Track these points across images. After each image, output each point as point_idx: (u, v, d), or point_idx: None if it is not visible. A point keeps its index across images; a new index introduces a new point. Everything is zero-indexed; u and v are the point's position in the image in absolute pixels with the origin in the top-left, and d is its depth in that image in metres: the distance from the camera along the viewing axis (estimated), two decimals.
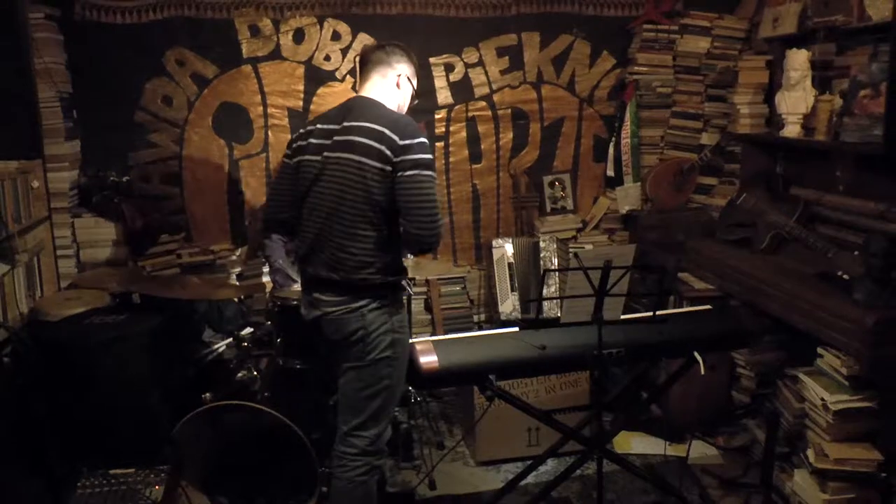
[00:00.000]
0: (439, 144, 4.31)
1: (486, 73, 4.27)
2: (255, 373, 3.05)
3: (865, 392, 2.80)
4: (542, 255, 4.12)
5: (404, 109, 2.62)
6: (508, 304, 4.03)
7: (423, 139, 2.38)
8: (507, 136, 4.39)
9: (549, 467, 3.32)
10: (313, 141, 2.48)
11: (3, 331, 2.80)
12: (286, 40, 4.02)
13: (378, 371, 2.46)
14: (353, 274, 2.40)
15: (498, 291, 4.08)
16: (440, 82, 4.23)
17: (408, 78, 2.60)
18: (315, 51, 4.06)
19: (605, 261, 2.50)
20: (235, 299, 3.73)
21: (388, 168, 2.34)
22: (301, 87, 4.09)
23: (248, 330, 3.36)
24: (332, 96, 4.10)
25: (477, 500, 3.19)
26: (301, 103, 4.10)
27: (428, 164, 2.36)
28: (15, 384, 2.66)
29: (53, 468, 2.70)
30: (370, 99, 2.53)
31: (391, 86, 2.57)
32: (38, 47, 3.45)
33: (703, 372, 2.76)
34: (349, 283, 2.42)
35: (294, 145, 2.57)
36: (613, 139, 4.41)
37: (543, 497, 2.91)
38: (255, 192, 4.13)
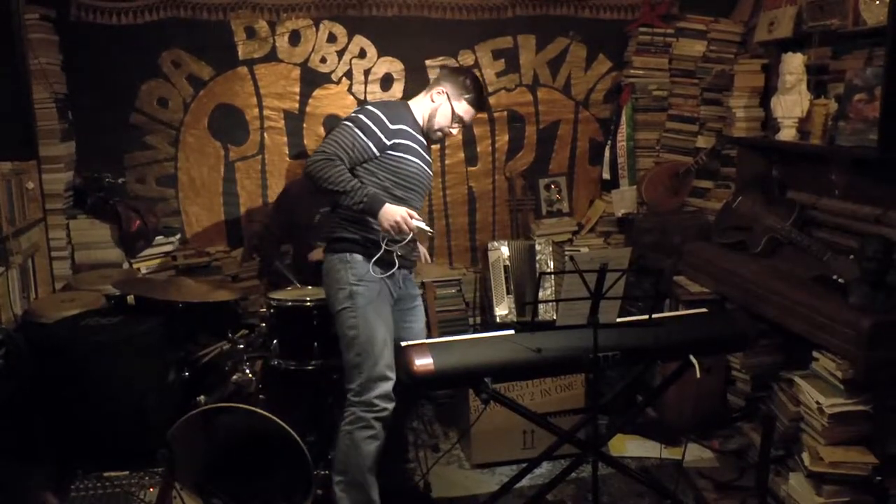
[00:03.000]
0: (435, 147, 4.31)
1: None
2: (250, 375, 3.04)
3: (860, 395, 2.80)
4: (537, 257, 4.11)
5: (434, 122, 2.85)
6: (504, 307, 4.02)
7: (369, 108, 2.73)
8: (503, 139, 4.39)
9: (545, 470, 3.32)
10: None
11: None
12: (282, 42, 4.02)
13: (342, 321, 2.72)
14: (329, 228, 2.81)
15: (493, 294, 4.07)
16: None
17: (447, 95, 2.82)
18: (311, 53, 4.06)
19: (600, 264, 2.50)
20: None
21: None
22: (297, 90, 4.08)
23: (243, 332, 3.35)
24: (327, 98, 4.10)
25: (472, 502, 3.18)
26: (297, 105, 4.09)
27: (349, 117, 2.71)
28: (9, 386, 2.65)
29: (47, 470, 2.69)
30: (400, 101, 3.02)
31: (427, 97, 2.87)
32: (32, 48, 3.42)
33: (698, 375, 2.76)
34: (327, 238, 2.83)
35: None
36: (609, 142, 4.41)
37: (538, 500, 2.90)
38: (250, 194, 4.12)
